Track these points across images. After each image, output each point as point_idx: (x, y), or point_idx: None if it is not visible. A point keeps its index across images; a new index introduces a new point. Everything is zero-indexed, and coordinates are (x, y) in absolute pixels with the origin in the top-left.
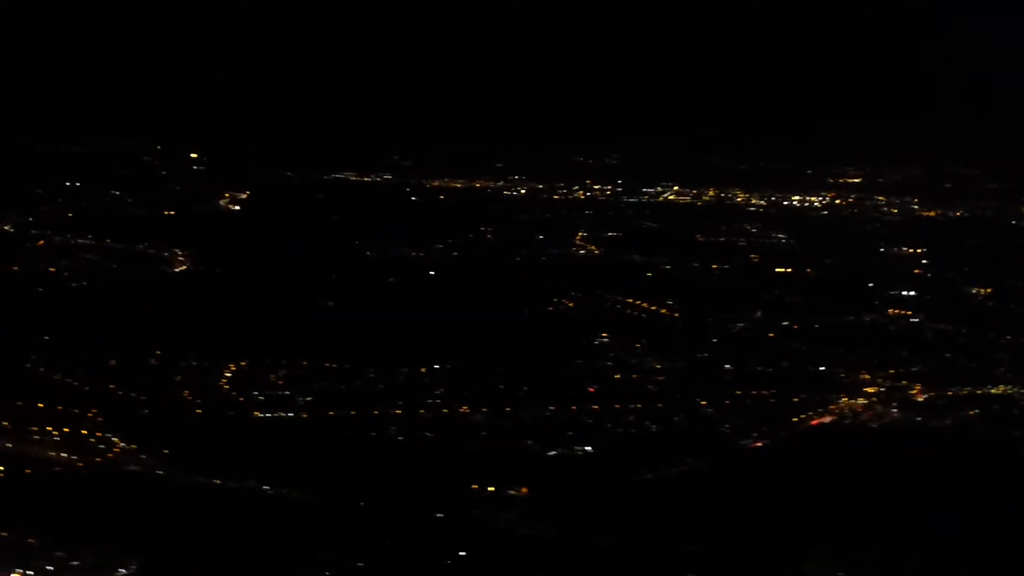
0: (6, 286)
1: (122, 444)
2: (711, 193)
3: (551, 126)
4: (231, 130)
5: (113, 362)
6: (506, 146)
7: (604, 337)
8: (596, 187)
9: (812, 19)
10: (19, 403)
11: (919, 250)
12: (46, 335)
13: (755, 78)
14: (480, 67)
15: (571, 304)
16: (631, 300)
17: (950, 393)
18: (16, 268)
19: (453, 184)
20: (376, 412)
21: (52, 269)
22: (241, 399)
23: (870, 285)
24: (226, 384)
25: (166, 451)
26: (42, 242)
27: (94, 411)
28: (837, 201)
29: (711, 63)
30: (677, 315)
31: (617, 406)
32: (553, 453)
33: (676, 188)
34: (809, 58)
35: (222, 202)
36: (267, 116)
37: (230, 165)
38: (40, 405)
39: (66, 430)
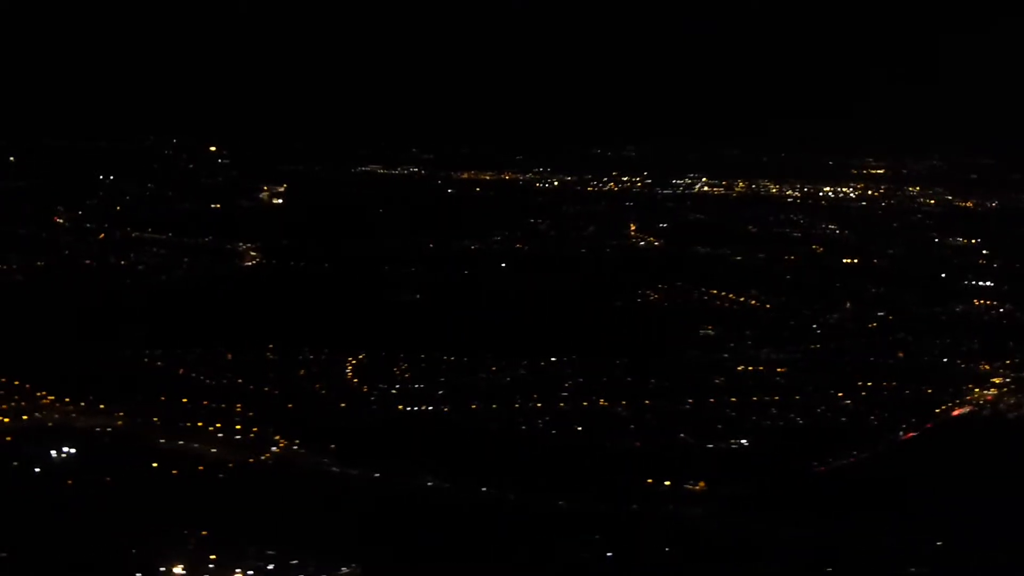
0: (90, 281)
1: (283, 440)
2: (741, 185)
3: (558, 121)
4: (239, 124)
5: (230, 356)
6: (519, 140)
7: (709, 329)
8: (624, 179)
9: (813, 13)
10: (162, 398)
11: (974, 240)
12: (151, 330)
13: (761, 71)
14: (482, 66)
15: (656, 296)
16: (715, 291)
17: None
18: (89, 262)
19: (482, 176)
20: (517, 405)
21: (123, 262)
22: (374, 393)
23: (943, 275)
24: (353, 378)
25: (332, 446)
26: (103, 235)
27: (240, 407)
28: (870, 192)
29: (715, 57)
30: (768, 306)
31: (754, 399)
32: (711, 446)
33: (705, 179)
34: (816, 52)
35: (263, 196)
36: (271, 111)
37: (253, 159)
38: (184, 400)
39: (219, 425)
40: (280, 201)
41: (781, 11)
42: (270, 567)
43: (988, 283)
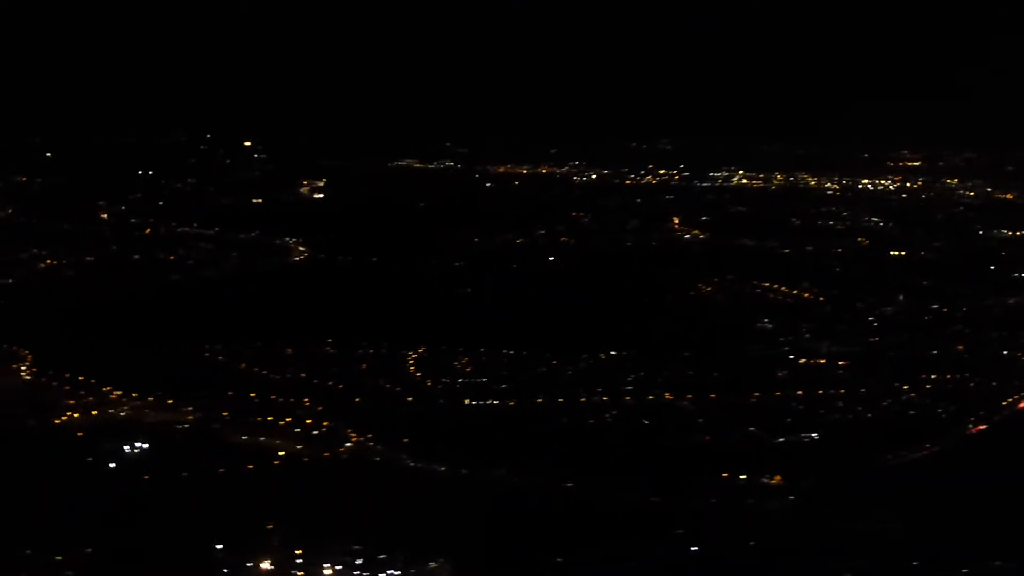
0: (140, 276)
1: (355, 435)
2: (779, 177)
3: (589, 114)
4: (270, 118)
5: (290, 351)
6: (552, 134)
7: (766, 322)
8: (662, 171)
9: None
10: (229, 393)
11: (1018, 232)
12: (206, 324)
13: (789, 65)
14: (512, 61)
15: (709, 288)
16: (767, 284)
17: None
18: (138, 257)
19: (519, 170)
20: (583, 399)
21: (171, 257)
22: (439, 387)
23: (991, 268)
24: (416, 372)
25: (405, 440)
26: (149, 230)
27: (307, 401)
28: (908, 184)
29: (743, 52)
30: (822, 299)
31: (820, 392)
32: (781, 440)
33: (741, 172)
34: (844, 46)
35: (303, 190)
36: (301, 105)
37: (288, 153)
38: (252, 395)
39: (288, 420)
40: (321, 196)
41: (809, 4)
42: (358, 562)
43: None
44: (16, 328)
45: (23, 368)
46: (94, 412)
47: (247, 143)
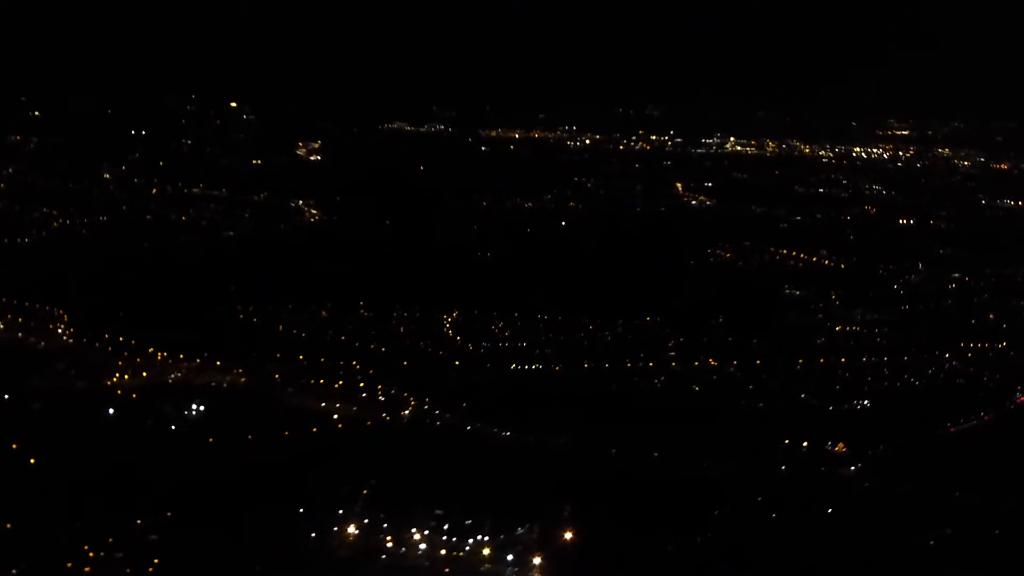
0: (154, 236)
1: (412, 399)
2: (771, 144)
3: (572, 80)
4: (253, 80)
5: (324, 313)
6: (538, 98)
7: (793, 289)
8: (653, 137)
9: None
10: (277, 355)
11: (1021, 203)
12: (231, 286)
13: (771, 32)
14: (491, 27)
15: (728, 255)
16: (785, 251)
17: None
18: (149, 217)
19: (510, 134)
20: (628, 365)
21: (183, 218)
22: (481, 351)
23: (1003, 238)
24: (455, 336)
25: (464, 404)
26: (155, 191)
27: (357, 364)
28: (901, 153)
29: (726, 21)
30: (843, 267)
31: (864, 359)
32: (832, 408)
33: (733, 139)
34: (824, 17)
35: (300, 152)
36: (280, 68)
37: (278, 115)
38: (301, 358)
39: (341, 383)
40: (318, 158)
41: None
42: (445, 527)
43: None
44: (44, 288)
45: (60, 328)
46: (144, 374)
47: (233, 104)
